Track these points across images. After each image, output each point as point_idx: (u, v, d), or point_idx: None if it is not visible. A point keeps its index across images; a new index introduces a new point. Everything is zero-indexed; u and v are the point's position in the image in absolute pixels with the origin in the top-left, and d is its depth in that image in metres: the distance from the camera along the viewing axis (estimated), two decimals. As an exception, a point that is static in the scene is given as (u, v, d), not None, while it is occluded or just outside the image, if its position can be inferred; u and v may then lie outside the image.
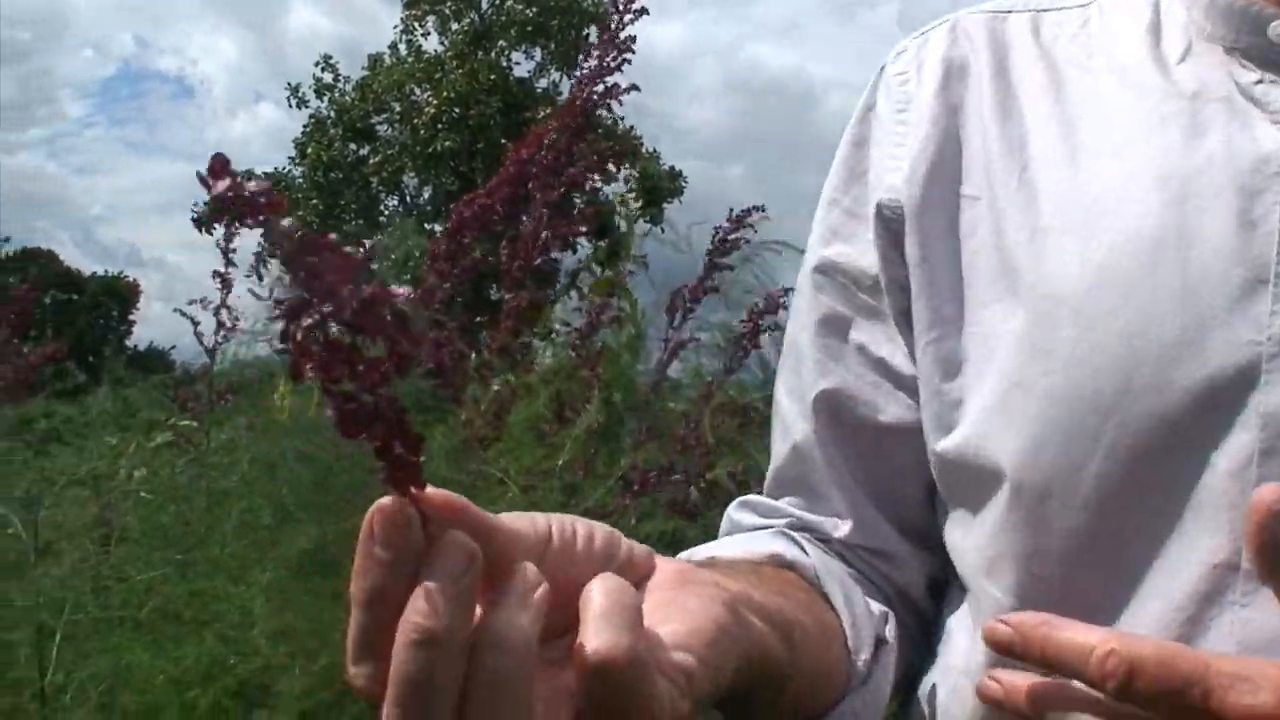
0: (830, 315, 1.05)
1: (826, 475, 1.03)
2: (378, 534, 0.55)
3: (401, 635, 0.54)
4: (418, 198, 31.57)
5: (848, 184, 1.08)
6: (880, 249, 1.01)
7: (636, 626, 0.57)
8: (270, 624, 1.92)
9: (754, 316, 2.79)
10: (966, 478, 0.93)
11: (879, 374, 1.02)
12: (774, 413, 1.12)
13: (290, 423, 2.41)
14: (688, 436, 2.47)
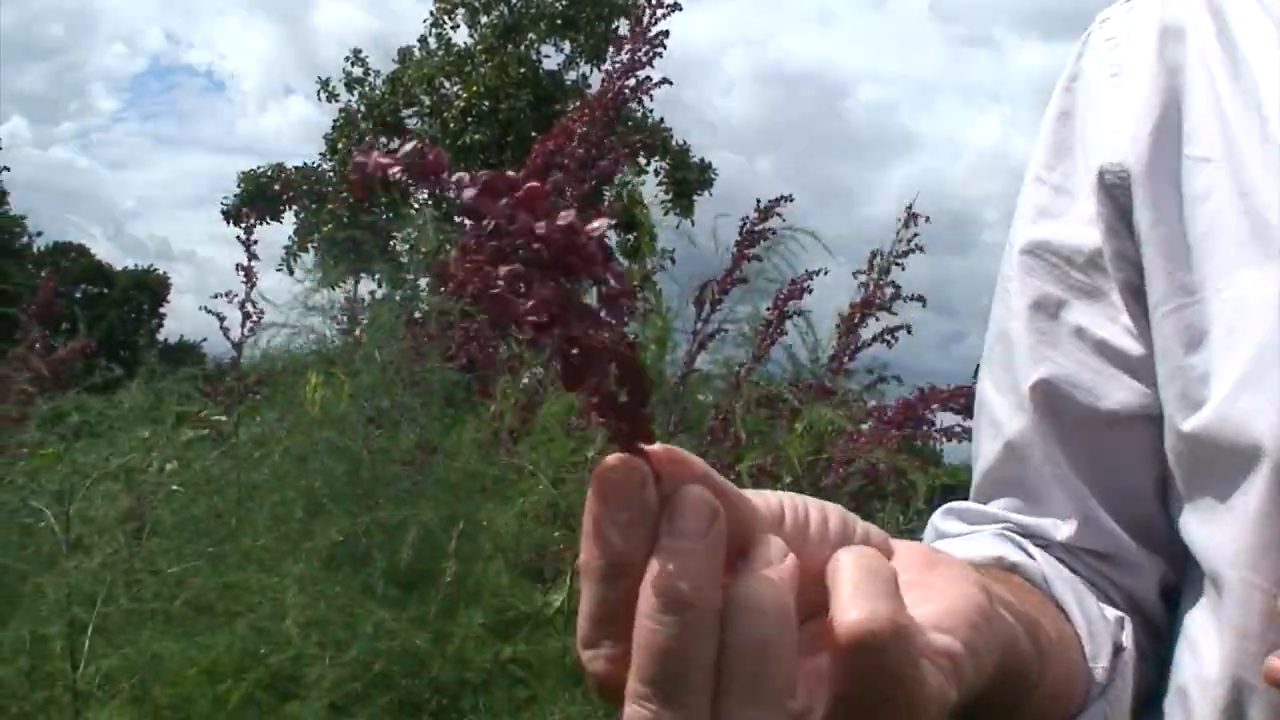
0: (1042, 298, 0.99)
1: (1046, 472, 0.97)
2: (610, 496, 0.50)
3: (648, 602, 0.49)
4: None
5: (1054, 159, 1.03)
6: (1105, 219, 0.96)
7: (896, 596, 0.52)
8: (302, 615, 1.92)
9: (779, 304, 2.79)
10: (1218, 459, 0.86)
11: (1101, 358, 0.96)
12: (978, 412, 1.06)
13: (321, 415, 2.41)
14: (717, 428, 2.47)
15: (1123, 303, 0.95)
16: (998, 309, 1.05)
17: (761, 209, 2.81)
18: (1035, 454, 0.97)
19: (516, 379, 2.54)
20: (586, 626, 0.52)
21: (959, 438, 2.80)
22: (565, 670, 2.04)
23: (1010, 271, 1.03)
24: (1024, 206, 1.04)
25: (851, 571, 0.53)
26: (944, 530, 1.02)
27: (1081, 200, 0.98)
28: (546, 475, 2.20)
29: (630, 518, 0.50)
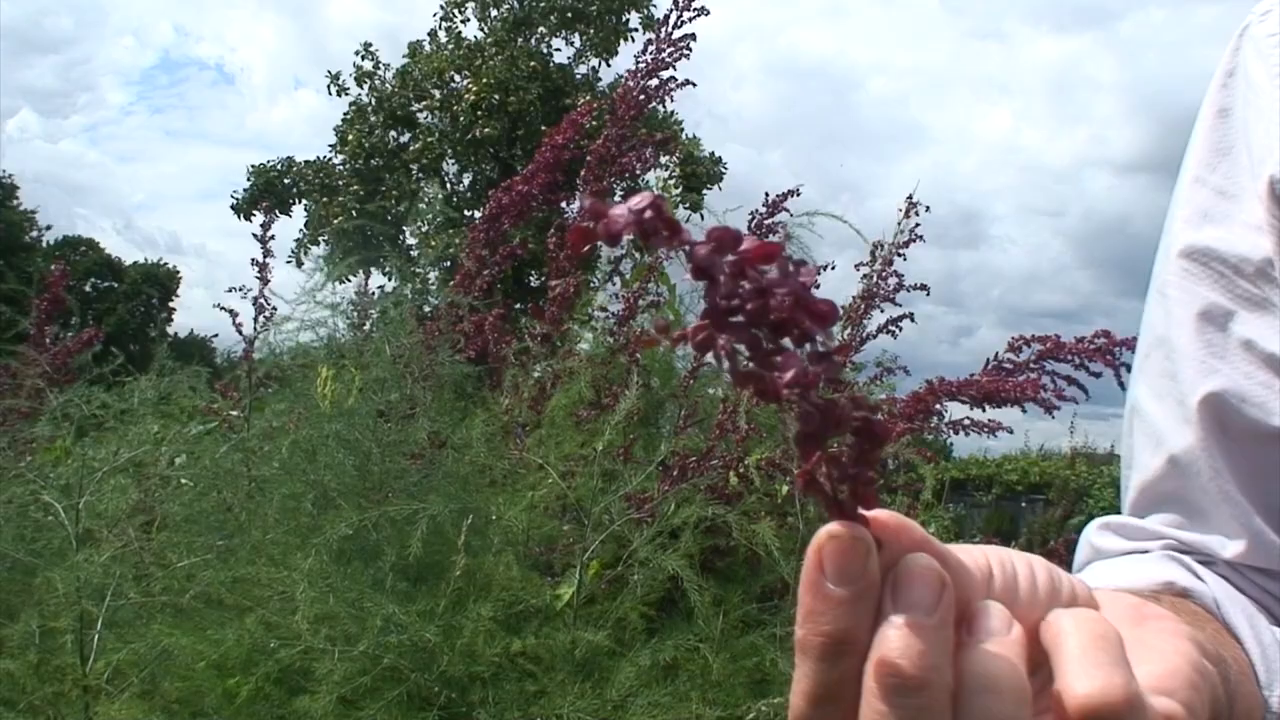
0: (1210, 308, 0.95)
1: (1214, 488, 0.94)
2: (832, 567, 0.48)
3: (878, 681, 0.47)
4: (458, 185, 31.58)
5: (1215, 159, 1.00)
6: (1276, 229, 0.93)
7: (1125, 663, 0.50)
8: (311, 609, 1.92)
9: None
10: None
11: (1271, 372, 0.92)
12: (1134, 420, 1.03)
13: (331, 409, 2.41)
14: (726, 422, 2.46)
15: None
16: (1155, 313, 1.02)
17: (770, 202, 2.81)
18: (1202, 469, 0.94)
19: (526, 373, 2.54)
20: (804, 704, 0.50)
21: (968, 430, 2.79)
22: (574, 664, 2.04)
23: (1170, 276, 1.00)
24: (1183, 208, 1.01)
25: (1079, 638, 0.51)
26: (1102, 548, 1.01)
27: (1248, 205, 0.95)
28: (555, 468, 2.20)
29: (855, 592, 0.48)
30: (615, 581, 2.19)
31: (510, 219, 2.88)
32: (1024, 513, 21.57)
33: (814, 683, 0.49)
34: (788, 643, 2.17)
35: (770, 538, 2.20)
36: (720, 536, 2.33)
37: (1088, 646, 0.51)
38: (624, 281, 2.95)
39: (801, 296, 0.44)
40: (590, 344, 2.87)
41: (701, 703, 1.99)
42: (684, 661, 2.08)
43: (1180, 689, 0.55)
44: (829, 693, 0.49)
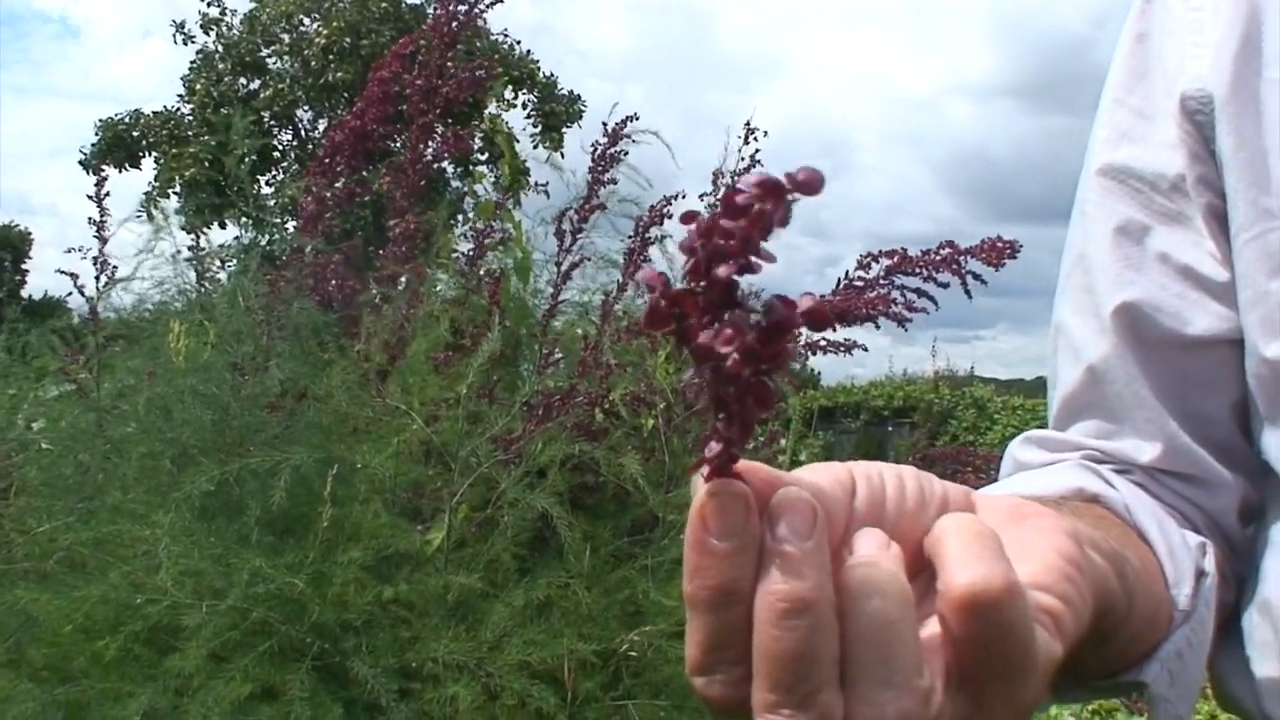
0: (1126, 223, 0.99)
1: (1129, 395, 0.97)
2: (715, 525, 0.50)
3: (768, 611, 0.50)
4: (312, 131, 31.12)
5: (1133, 82, 1.02)
6: (1187, 145, 0.96)
7: (1004, 556, 0.53)
8: (176, 566, 1.90)
9: (640, 231, 2.78)
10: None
11: (1186, 283, 0.96)
12: (1057, 339, 1.06)
13: (185, 365, 2.37)
14: (589, 359, 2.46)
15: (1206, 228, 0.95)
16: (1075, 232, 1.05)
17: (610, 132, 2.78)
18: (1119, 377, 0.97)
19: (383, 319, 2.52)
20: (699, 654, 0.52)
21: (825, 350, 2.82)
22: (447, 608, 2.04)
23: (1089, 195, 1.03)
24: (1103, 129, 1.04)
25: (957, 536, 0.54)
26: (1023, 460, 1.04)
27: (1163, 124, 0.98)
28: (419, 414, 2.19)
29: (739, 545, 0.50)
30: (485, 524, 2.18)
31: (346, 157, 2.84)
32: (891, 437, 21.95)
33: (706, 633, 0.52)
34: (659, 573, 2.19)
35: (638, 471, 2.21)
36: (588, 473, 2.33)
37: (967, 543, 0.53)
38: (468, 219, 2.93)
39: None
40: (446, 286, 2.85)
41: (576, 638, 2.00)
42: (557, 599, 2.09)
43: (1055, 582, 0.58)
44: (721, 640, 0.51)
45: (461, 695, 1.88)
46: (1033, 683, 0.53)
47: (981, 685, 0.53)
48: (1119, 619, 0.69)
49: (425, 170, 2.80)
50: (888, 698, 0.50)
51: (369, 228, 4.26)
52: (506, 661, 1.93)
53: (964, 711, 0.53)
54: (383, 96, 2.80)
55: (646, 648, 2.08)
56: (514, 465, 2.18)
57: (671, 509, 2.30)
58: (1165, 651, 0.80)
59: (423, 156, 2.79)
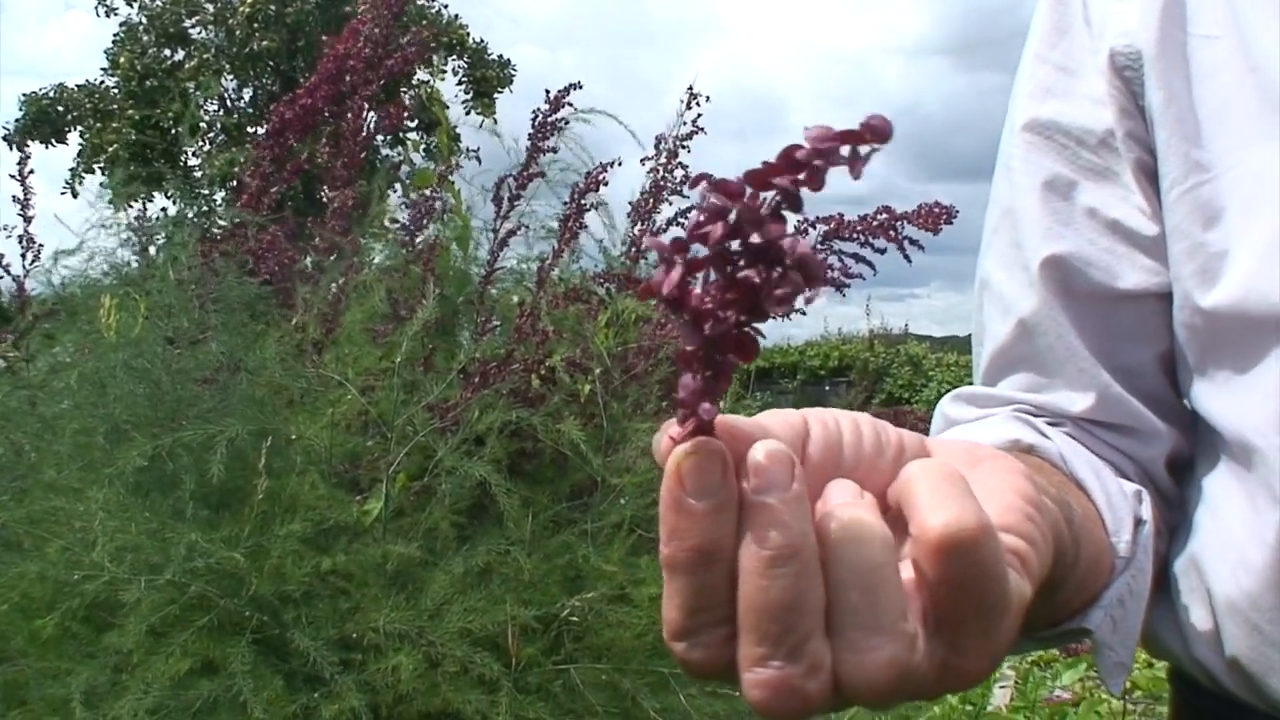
0: (1054, 178, 1.00)
1: (1060, 347, 0.98)
2: (692, 483, 0.51)
3: (754, 562, 0.50)
4: (238, 101, 30.78)
5: (1055, 37, 1.03)
6: (1116, 100, 0.97)
7: (974, 497, 0.53)
8: (112, 541, 1.88)
9: (577, 197, 2.77)
10: (1242, 332, 0.87)
11: (1114, 237, 0.97)
12: (983, 294, 1.07)
13: (118, 340, 2.35)
14: (525, 325, 2.46)
15: (1135, 183, 0.96)
16: (1001, 187, 1.06)
17: (551, 100, 2.77)
18: (1049, 330, 0.98)
19: (318, 289, 2.50)
20: (679, 617, 0.53)
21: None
22: (387, 577, 2.03)
23: (1015, 150, 1.04)
24: (1026, 84, 1.04)
25: (926, 479, 0.54)
26: (954, 416, 1.04)
27: (1088, 80, 0.99)
28: (355, 384, 2.18)
29: (717, 503, 0.51)
30: (423, 492, 2.18)
31: (295, 133, 2.82)
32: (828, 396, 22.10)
33: (687, 595, 0.52)
34: (598, 538, 2.19)
35: (578, 435, 2.21)
36: (526, 440, 2.33)
37: (937, 485, 0.53)
38: (405, 189, 2.91)
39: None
40: (382, 255, 2.84)
41: (516, 604, 2.00)
42: (497, 565, 2.09)
43: (1019, 523, 0.59)
44: (703, 602, 0.52)
45: (403, 665, 1.88)
46: (1006, 623, 0.54)
47: (957, 628, 0.53)
48: (1069, 564, 0.70)
49: (366, 142, 2.78)
50: (875, 643, 0.51)
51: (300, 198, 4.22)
52: (447, 629, 1.93)
53: (941, 655, 0.54)
54: (336, 73, 2.77)
55: (587, 612, 2.09)
56: (451, 433, 2.18)
57: (611, 473, 2.30)
58: (1107, 598, 0.81)
59: (363, 128, 2.77)
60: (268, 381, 2.27)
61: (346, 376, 2.20)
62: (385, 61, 2.78)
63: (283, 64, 28.78)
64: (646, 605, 2.10)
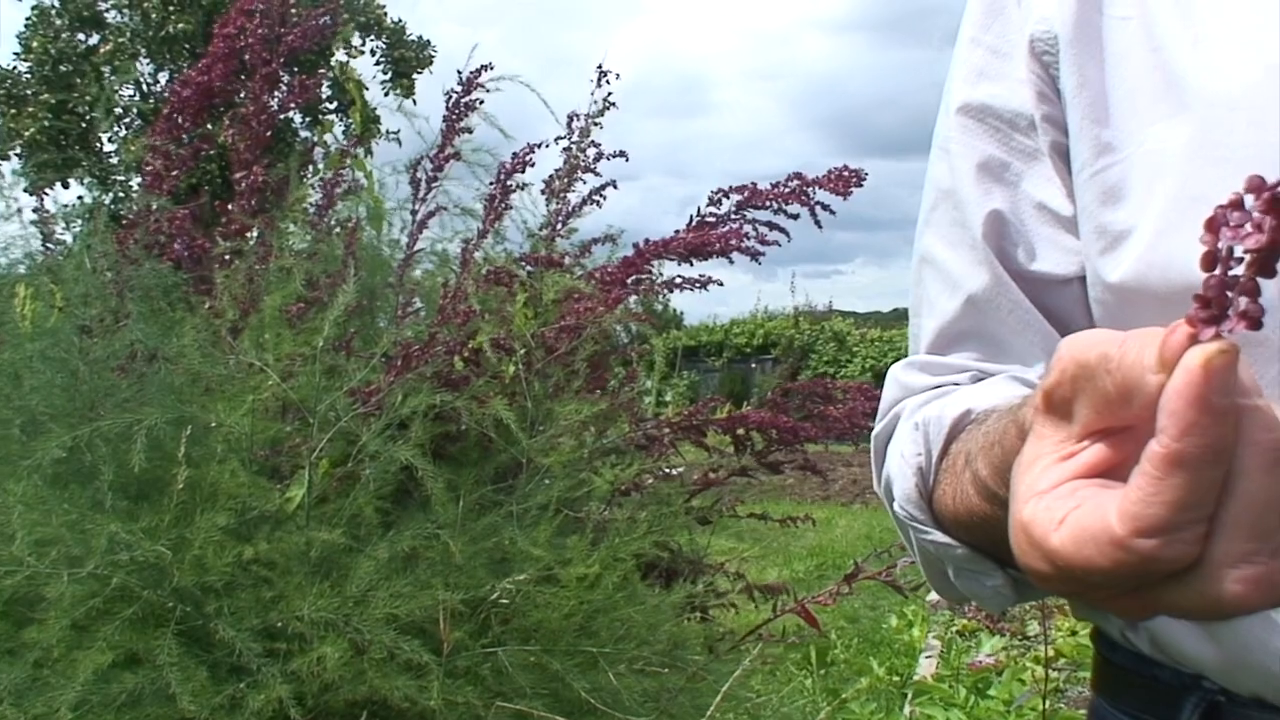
0: (988, 160, 1.03)
1: (1014, 320, 1.02)
2: (1221, 382, 0.52)
3: (1258, 459, 0.53)
4: (154, 85, 30.39)
5: (988, 20, 1.06)
6: (1034, 85, 1.00)
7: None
8: (31, 535, 1.85)
9: (501, 178, 2.76)
10: (1145, 305, 0.90)
11: (1041, 218, 1.01)
12: (924, 270, 1.10)
13: (32, 330, 2.31)
14: (448, 307, 2.44)
15: (1053, 165, 1.00)
16: (939, 168, 1.08)
17: (466, 80, 2.75)
18: (1001, 305, 1.02)
19: (234, 273, 2.47)
20: (1167, 513, 0.54)
21: (680, 287, 2.83)
22: (311, 565, 2.01)
23: (951, 132, 1.06)
24: (960, 67, 1.07)
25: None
26: (910, 384, 1.07)
27: (1019, 61, 1.01)
28: (275, 370, 2.15)
29: (1234, 404, 0.53)
30: (347, 478, 2.16)
31: (191, 114, 2.77)
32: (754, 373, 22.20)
33: (1185, 491, 0.53)
34: (525, 520, 2.19)
35: (506, 416, 2.20)
36: (451, 422, 2.32)
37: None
38: (316, 170, 2.88)
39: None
40: (300, 238, 2.81)
41: (444, 588, 1.99)
42: (423, 550, 2.08)
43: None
44: (1199, 499, 0.54)
45: (328, 653, 1.86)
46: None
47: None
48: None
49: (270, 121, 2.74)
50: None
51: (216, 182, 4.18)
52: (373, 616, 1.92)
53: None
54: (229, 52, 2.73)
55: (515, 594, 2.08)
56: (374, 418, 2.16)
57: (536, 454, 2.29)
58: None
59: (267, 107, 2.73)
60: (186, 369, 2.24)
61: (266, 362, 2.17)
62: (284, 38, 2.74)
63: (199, 47, 28.40)
64: (574, 585, 2.09)
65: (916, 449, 0.98)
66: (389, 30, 31.30)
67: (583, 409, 2.36)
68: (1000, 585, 0.96)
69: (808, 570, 10.09)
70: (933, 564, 1.01)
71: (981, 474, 0.83)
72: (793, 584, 3.08)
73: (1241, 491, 0.53)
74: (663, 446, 2.88)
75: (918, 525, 0.98)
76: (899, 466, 1.00)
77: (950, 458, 0.95)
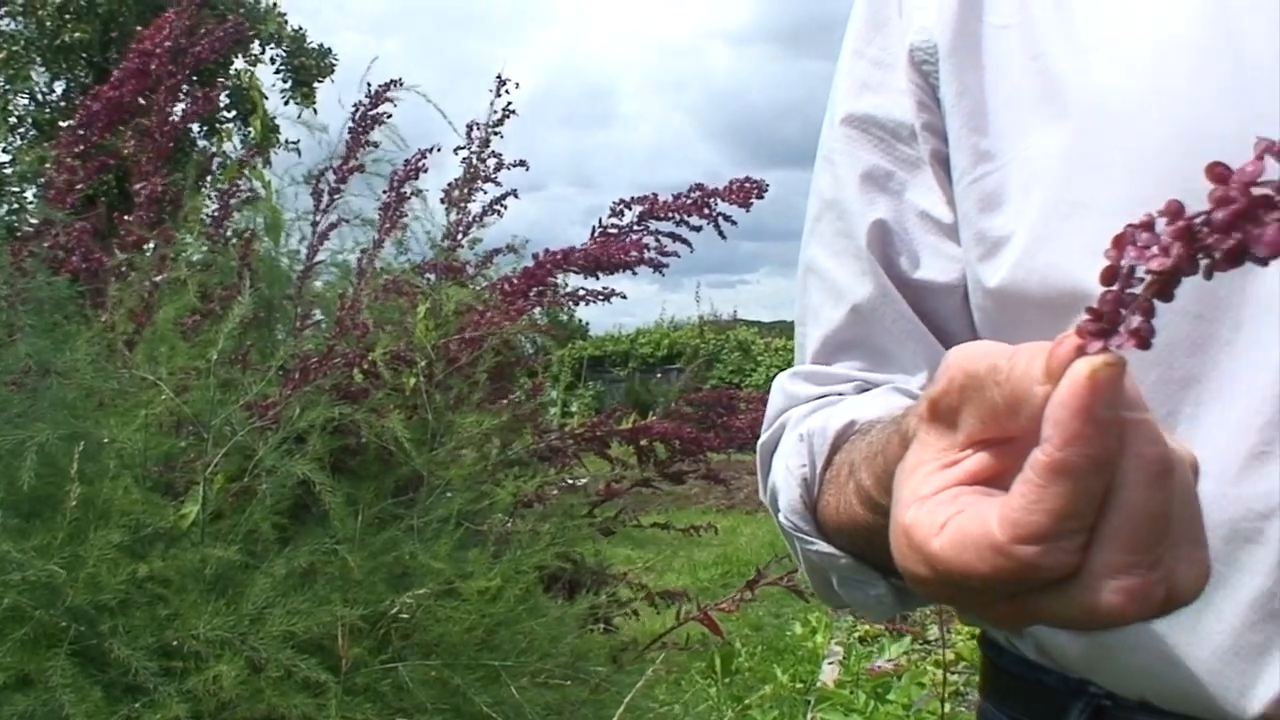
0: (872, 170, 1.04)
1: (898, 330, 1.03)
2: (1108, 394, 0.53)
3: (1142, 474, 0.54)
4: (49, 94, 29.92)
5: (870, 33, 1.07)
6: (914, 94, 1.01)
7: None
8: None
9: (395, 186, 2.74)
10: (1022, 310, 0.91)
11: (924, 226, 1.02)
12: (809, 279, 1.10)
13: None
14: (346, 319, 2.42)
15: (934, 174, 1.01)
16: (823, 179, 1.09)
17: (373, 94, 2.73)
18: (885, 314, 1.03)
19: (128, 286, 2.43)
20: (1048, 521, 0.54)
21: (583, 299, 2.83)
22: (206, 582, 1.98)
23: (835, 144, 1.07)
24: (844, 79, 1.08)
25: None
26: (795, 394, 1.07)
27: (899, 73, 1.03)
28: (169, 383, 2.12)
29: (1119, 417, 0.54)
30: (243, 494, 2.13)
31: (102, 128, 2.73)
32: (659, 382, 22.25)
33: (1066, 501, 0.54)
34: (425, 534, 2.17)
35: (402, 431, 2.18)
36: (349, 436, 2.30)
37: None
38: (215, 180, 2.85)
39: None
40: (195, 249, 2.77)
41: (343, 604, 1.97)
42: (322, 566, 2.06)
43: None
44: (1079, 509, 0.54)
45: (225, 672, 1.84)
46: None
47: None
48: None
49: (173, 133, 2.71)
50: (1199, 555, 0.57)
51: (113, 193, 4.12)
52: (270, 633, 1.89)
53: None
54: (142, 70, 2.69)
55: (416, 609, 2.07)
56: (271, 432, 2.13)
57: (436, 467, 2.28)
58: None
59: (170, 118, 2.70)
60: (79, 383, 2.20)
61: (160, 376, 2.14)
62: (192, 50, 2.71)
63: (95, 56, 28.04)
64: (476, 599, 2.08)
65: (801, 460, 0.98)
66: (289, 38, 31.04)
67: (484, 421, 2.35)
68: (883, 594, 0.96)
69: (712, 579, 10.11)
70: (818, 573, 1.02)
71: (865, 483, 0.84)
72: (698, 592, 3.09)
73: (1123, 503, 0.54)
74: (566, 458, 2.88)
75: (802, 535, 0.99)
76: (784, 477, 1.00)
77: (834, 468, 0.96)
